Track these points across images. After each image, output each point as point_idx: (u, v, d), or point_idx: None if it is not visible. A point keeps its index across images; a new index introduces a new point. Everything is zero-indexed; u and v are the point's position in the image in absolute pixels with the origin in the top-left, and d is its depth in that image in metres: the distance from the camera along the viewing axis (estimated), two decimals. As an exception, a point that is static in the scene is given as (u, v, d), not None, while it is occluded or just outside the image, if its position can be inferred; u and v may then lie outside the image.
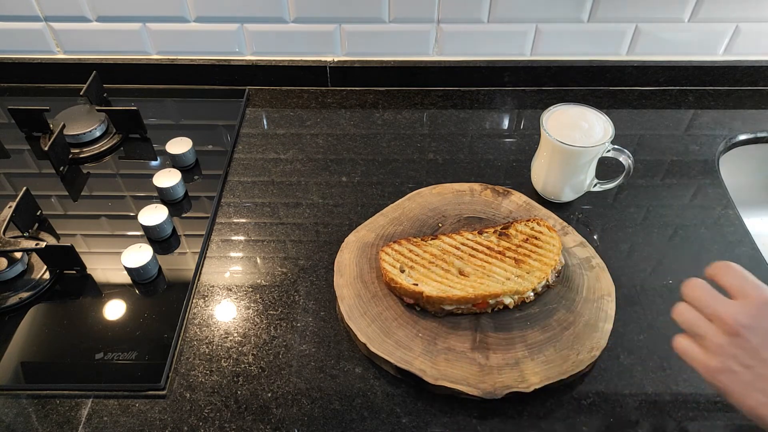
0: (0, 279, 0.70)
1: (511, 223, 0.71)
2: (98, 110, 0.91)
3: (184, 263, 0.74)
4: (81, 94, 0.90)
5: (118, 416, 0.59)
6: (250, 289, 0.71)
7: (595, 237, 0.77)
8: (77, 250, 0.70)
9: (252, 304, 0.69)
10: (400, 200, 0.78)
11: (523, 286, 0.63)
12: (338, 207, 0.81)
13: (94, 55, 1.00)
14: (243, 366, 0.63)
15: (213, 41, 0.97)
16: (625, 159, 0.73)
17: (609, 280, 0.68)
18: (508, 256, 0.66)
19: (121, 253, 0.70)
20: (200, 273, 0.73)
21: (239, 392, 0.61)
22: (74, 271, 0.72)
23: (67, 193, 0.84)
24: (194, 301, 0.70)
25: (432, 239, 0.69)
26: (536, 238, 0.69)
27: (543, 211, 0.76)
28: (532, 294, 0.65)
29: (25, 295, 0.69)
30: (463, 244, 0.68)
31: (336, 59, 0.99)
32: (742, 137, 0.92)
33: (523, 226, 0.70)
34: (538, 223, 0.70)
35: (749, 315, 0.44)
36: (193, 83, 1.02)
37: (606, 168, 0.81)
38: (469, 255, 0.67)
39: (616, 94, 1.00)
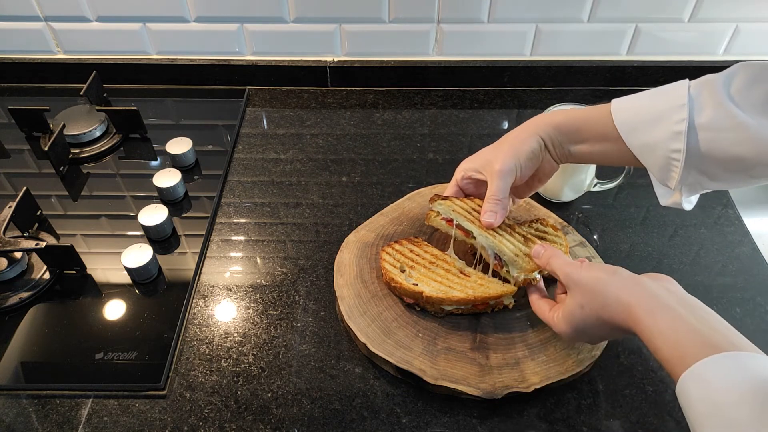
0: (0, 279, 0.70)
1: (514, 225, 0.69)
2: (98, 110, 0.91)
3: (184, 263, 0.74)
4: (81, 94, 0.90)
5: (118, 416, 0.59)
6: (250, 289, 0.71)
7: (595, 237, 0.77)
8: (77, 250, 0.70)
9: (252, 304, 0.69)
10: (400, 200, 0.78)
11: (531, 265, 0.61)
12: (338, 207, 0.81)
13: (94, 55, 1.00)
14: (243, 366, 0.63)
15: (213, 41, 0.97)
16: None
17: (609, 280, 0.68)
18: (517, 232, 0.65)
19: (121, 253, 0.70)
20: (200, 273, 0.73)
21: (239, 392, 0.61)
22: (74, 271, 0.72)
23: (67, 193, 0.84)
24: (194, 301, 0.70)
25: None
26: (542, 238, 0.68)
27: (543, 211, 0.76)
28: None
29: (25, 295, 0.69)
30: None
31: (336, 59, 0.99)
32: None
33: (527, 228, 0.67)
34: (542, 223, 0.70)
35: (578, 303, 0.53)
36: (193, 83, 1.02)
37: (606, 168, 0.80)
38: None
39: (616, 94, 1.00)
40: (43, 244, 0.68)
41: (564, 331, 0.55)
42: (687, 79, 0.54)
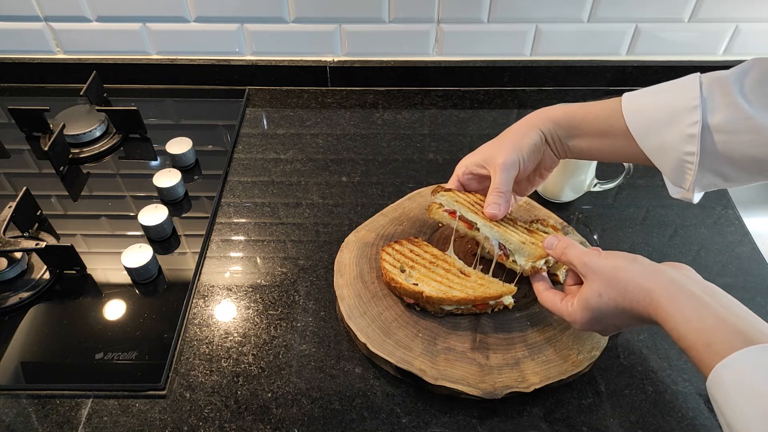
0: (0, 279, 0.70)
1: (516, 219, 0.69)
2: (98, 110, 0.91)
3: (184, 263, 0.74)
4: (81, 94, 0.90)
5: (118, 416, 0.59)
6: (250, 289, 0.71)
7: (595, 237, 0.77)
8: (77, 250, 0.70)
9: (252, 304, 0.69)
10: (400, 200, 0.78)
11: (538, 252, 0.61)
12: (338, 207, 0.81)
13: (94, 55, 1.00)
14: (243, 366, 0.63)
15: (213, 41, 0.97)
16: (625, 159, 0.73)
17: (609, 280, 0.68)
18: (520, 225, 0.65)
19: (121, 253, 0.70)
20: (200, 273, 0.73)
21: (239, 392, 0.61)
22: (74, 271, 0.72)
23: (67, 193, 0.84)
24: (194, 301, 0.70)
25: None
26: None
27: (543, 211, 0.76)
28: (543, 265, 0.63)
29: (25, 295, 0.69)
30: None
31: (336, 59, 0.99)
32: (742, 137, 0.92)
33: (528, 226, 0.67)
34: (542, 224, 0.70)
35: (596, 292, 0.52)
36: (193, 83, 1.02)
37: (606, 168, 0.81)
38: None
39: (615, 94, 1.00)
40: (43, 244, 0.69)
41: (578, 320, 0.54)
42: (698, 74, 0.53)
